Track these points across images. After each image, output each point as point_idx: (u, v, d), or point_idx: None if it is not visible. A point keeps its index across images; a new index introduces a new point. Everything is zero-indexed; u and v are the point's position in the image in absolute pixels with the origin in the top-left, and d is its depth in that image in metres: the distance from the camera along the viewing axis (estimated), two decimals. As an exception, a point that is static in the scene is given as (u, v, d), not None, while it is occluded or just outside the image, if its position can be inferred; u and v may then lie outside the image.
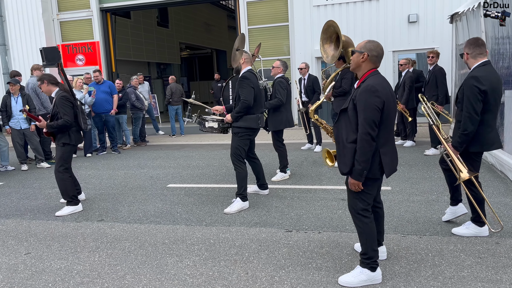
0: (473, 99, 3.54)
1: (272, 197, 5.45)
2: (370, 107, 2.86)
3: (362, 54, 3.01)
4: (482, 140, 3.66)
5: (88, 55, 14.29)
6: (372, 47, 3.01)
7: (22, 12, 14.11)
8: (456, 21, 9.05)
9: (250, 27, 12.96)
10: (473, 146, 3.68)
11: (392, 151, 3.09)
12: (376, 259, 3.12)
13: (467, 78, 3.61)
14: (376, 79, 2.96)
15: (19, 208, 5.56)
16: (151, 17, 20.66)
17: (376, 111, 2.87)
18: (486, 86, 3.52)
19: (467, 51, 3.72)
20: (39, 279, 3.49)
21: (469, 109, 3.56)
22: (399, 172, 6.37)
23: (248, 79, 4.93)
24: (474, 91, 3.53)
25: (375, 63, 3.03)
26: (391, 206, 4.84)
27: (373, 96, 2.86)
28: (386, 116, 2.93)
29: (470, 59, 3.71)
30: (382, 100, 2.88)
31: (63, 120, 5.04)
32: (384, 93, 2.91)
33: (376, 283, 3.12)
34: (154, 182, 6.60)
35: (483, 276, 3.17)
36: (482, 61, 3.67)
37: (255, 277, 3.34)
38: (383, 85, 2.95)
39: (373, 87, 2.89)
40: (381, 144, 2.98)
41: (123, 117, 10.13)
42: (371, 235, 3.09)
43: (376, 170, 3.00)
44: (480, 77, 3.55)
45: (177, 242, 4.12)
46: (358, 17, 11.75)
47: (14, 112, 7.88)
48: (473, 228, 3.91)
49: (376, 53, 3.01)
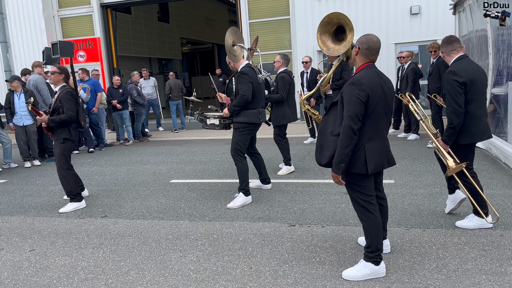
0: (454, 93, 3.63)
1: (275, 192, 5.44)
2: (353, 100, 2.84)
3: (355, 48, 3.04)
4: (471, 131, 3.71)
5: (89, 51, 14.27)
6: (364, 40, 3.01)
7: (22, 9, 14.09)
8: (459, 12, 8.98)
9: (251, 21, 12.90)
10: (463, 138, 3.74)
11: (379, 147, 2.99)
12: (380, 252, 3.09)
13: (446, 73, 3.73)
14: (366, 73, 2.93)
15: (23, 205, 5.57)
16: (151, 13, 20.58)
17: (360, 104, 2.83)
18: (464, 78, 3.62)
19: (442, 50, 3.90)
20: (43, 276, 3.50)
21: (452, 103, 3.64)
22: (403, 165, 6.35)
23: (247, 74, 4.82)
24: (453, 84, 3.63)
25: (367, 56, 3.01)
26: (395, 199, 4.83)
27: (357, 89, 2.85)
28: (372, 110, 2.89)
29: (446, 57, 3.88)
30: (367, 93, 2.84)
31: (66, 115, 5.04)
32: (370, 86, 2.86)
33: (379, 276, 3.11)
34: (157, 178, 6.60)
35: (487, 269, 3.16)
36: (457, 56, 3.82)
37: (259, 271, 3.34)
38: (372, 78, 2.90)
39: (358, 80, 2.88)
40: (367, 139, 2.93)
41: (126, 112, 10.13)
42: (376, 228, 3.04)
43: (362, 165, 2.94)
44: (457, 70, 3.66)
45: (181, 238, 4.12)
46: (360, 9, 11.67)
47: (17, 109, 7.90)
48: (476, 220, 3.90)
49: (367, 45, 2.98)
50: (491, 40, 6.90)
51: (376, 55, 3.03)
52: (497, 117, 6.70)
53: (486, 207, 3.88)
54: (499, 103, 6.61)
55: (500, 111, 6.57)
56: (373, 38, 3.02)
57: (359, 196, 3.06)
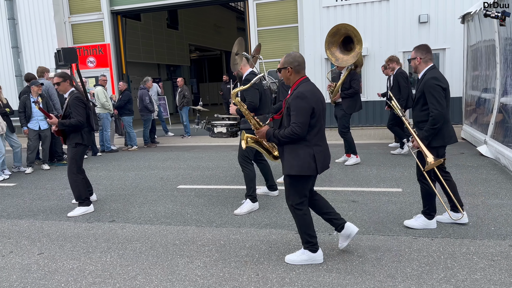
0: (439, 96, 3.85)
1: (282, 199, 5.44)
2: (300, 111, 3.23)
3: (287, 69, 3.40)
4: (443, 135, 3.96)
5: (99, 57, 14.42)
6: (291, 59, 3.40)
7: (34, 15, 14.30)
8: (468, 21, 8.97)
9: (260, 28, 12.98)
10: (436, 141, 3.96)
11: (324, 150, 3.44)
12: (315, 243, 3.52)
13: (428, 79, 3.91)
14: (306, 87, 3.34)
15: (32, 209, 5.63)
16: (161, 19, 20.78)
17: (306, 114, 3.24)
18: (444, 85, 3.91)
19: (420, 56, 4.05)
20: (52, 279, 3.53)
21: (437, 106, 3.84)
22: (410, 174, 6.32)
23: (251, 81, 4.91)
24: (437, 89, 3.86)
25: (299, 71, 3.41)
26: (402, 208, 4.81)
27: (303, 102, 3.24)
28: (317, 119, 3.32)
29: (422, 63, 4.06)
30: (312, 105, 3.26)
31: (75, 120, 5.11)
32: (313, 98, 3.29)
33: (316, 262, 3.51)
34: (165, 183, 6.63)
35: (496, 279, 3.13)
36: (431, 65, 4.05)
37: (266, 278, 3.34)
38: (313, 91, 3.33)
39: (302, 94, 3.27)
40: (314, 144, 3.35)
41: (124, 119, 10.19)
42: (306, 225, 3.48)
43: (311, 168, 3.33)
44: (438, 77, 3.91)
45: (188, 243, 4.13)
46: (368, 18, 11.69)
47: (34, 113, 7.98)
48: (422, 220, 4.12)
49: (297, 63, 3.39)
50: (499, 49, 6.89)
51: (305, 68, 3.45)
52: (506, 126, 6.66)
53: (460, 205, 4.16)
54: (508, 112, 6.58)
55: (509, 121, 6.54)
56: (297, 54, 3.45)
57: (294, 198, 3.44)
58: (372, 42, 11.32)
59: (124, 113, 10.16)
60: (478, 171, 6.29)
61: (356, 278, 3.26)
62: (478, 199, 5.00)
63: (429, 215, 4.12)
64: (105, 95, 9.84)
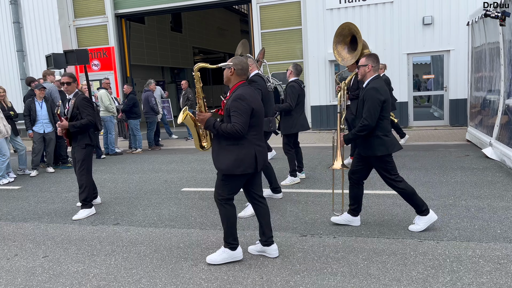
0: (374, 108, 3.96)
1: (286, 202, 5.43)
2: (241, 112, 3.38)
3: (230, 69, 3.55)
4: (385, 144, 4.05)
5: (103, 60, 14.49)
6: (237, 62, 3.55)
7: (39, 18, 14.40)
8: (473, 23, 8.93)
9: (263, 31, 13.00)
10: (379, 150, 4.06)
11: (263, 150, 3.63)
12: (234, 239, 3.65)
13: (369, 89, 4.03)
14: (244, 89, 3.49)
15: (37, 212, 5.64)
16: (165, 22, 20.85)
17: (246, 114, 3.39)
18: (384, 96, 4.00)
19: (372, 64, 4.14)
20: (56, 282, 3.53)
21: (369, 117, 3.97)
22: (416, 176, 6.30)
23: (256, 82, 5.08)
24: (376, 101, 3.97)
25: (240, 75, 3.57)
26: (407, 211, 4.79)
27: (243, 103, 3.39)
28: (256, 120, 3.49)
29: (372, 72, 4.14)
30: (251, 106, 3.41)
31: (86, 120, 5.18)
32: (253, 100, 3.44)
33: (236, 260, 3.66)
34: (169, 186, 6.64)
35: (502, 283, 3.11)
36: (376, 74, 4.17)
37: (270, 281, 3.33)
38: (251, 94, 3.49)
39: (242, 96, 3.41)
40: (255, 144, 3.53)
41: (131, 122, 10.23)
42: (230, 221, 3.61)
43: (251, 167, 3.50)
44: (379, 88, 4.02)
45: (192, 246, 4.13)
46: (372, 20, 11.68)
47: (39, 117, 8.01)
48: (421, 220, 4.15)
49: (241, 66, 3.55)
50: (503, 51, 6.85)
51: (247, 74, 3.63)
52: (511, 128, 6.61)
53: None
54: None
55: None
56: (244, 60, 3.61)
57: (222, 193, 3.59)
58: (376, 44, 11.28)
59: (131, 116, 10.20)
60: (483, 173, 6.25)
61: (361, 282, 3.24)
62: (484, 202, 4.97)
63: (423, 212, 4.14)
64: (109, 98, 9.88)
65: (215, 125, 3.48)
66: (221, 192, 3.61)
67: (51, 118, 8.11)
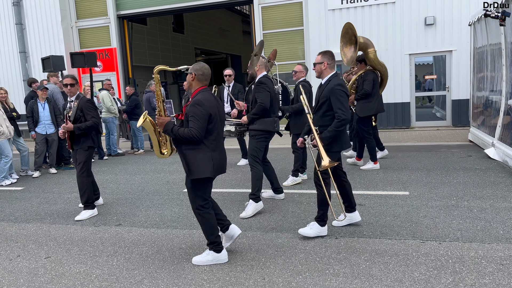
0: (345, 102, 4.02)
1: (288, 202, 5.43)
2: (198, 117, 3.43)
3: (191, 74, 3.60)
4: (341, 140, 4.15)
5: (106, 61, 14.51)
6: (198, 67, 3.61)
7: (41, 20, 14.43)
8: (475, 23, 8.92)
9: (265, 31, 13.00)
10: (336, 146, 4.13)
11: (221, 155, 3.68)
12: (219, 243, 3.71)
13: (334, 86, 4.04)
14: (204, 95, 3.54)
15: (39, 213, 5.66)
16: (167, 23, 20.87)
17: (203, 120, 3.45)
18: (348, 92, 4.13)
19: (327, 61, 4.18)
20: (59, 283, 3.54)
21: (344, 111, 4.00)
22: (417, 177, 6.28)
23: (265, 83, 5.11)
24: (344, 95, 4.04)
25: (201, 81, 3.62)
26: (409, 211, 4.78)
27: (201, 108, 3.45)
28: (214, 125, 3.53)
29: (328, 69, 4.20)
30: (209, 112, 3.47)
31: (92, 122, 5.22)
32: (210, 106, 3.49)
33: (221, 262, 3.70)
34: (171, 187, 6.64)
35: (505, 284, 3.10)
36: (334, 71, 4.23)
37: (272, 282, 3.33)
38: (210, 99, 3.53)
39: (200, 101, 3.47)
40: (212, 149, 3.57)
41: (133, 123, 10.25)
42: (210, 226, 3.67)
43: (207, 172, 3.53)
44: (342, 84, 4.08)
45: (194, 247, 4.13)
46: (374, 20, 11.67)
47: (41, 118, 8.03)
48: (316, 228, 4.16)
49: (202, 72, 3.60)
50: (505, 52, 6.83)
51: (208, 80, 3.64)
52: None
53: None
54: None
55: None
56: (205, 66, 3.65)
57: (196, 202, 3.64)
58: (378, 45, 11.25)
59: (133, 117, 10.21)
60: (486, 174, 6.23)
61: (363, 283, 3.24)
62: (486, 202, 4.96)
63: (322, 222, 4.17)
64: (110, 99, 9.90)
65: (173, 129, 3.53)
66: (195, 200, 3.67)
67: (54, 119, 8.14)
